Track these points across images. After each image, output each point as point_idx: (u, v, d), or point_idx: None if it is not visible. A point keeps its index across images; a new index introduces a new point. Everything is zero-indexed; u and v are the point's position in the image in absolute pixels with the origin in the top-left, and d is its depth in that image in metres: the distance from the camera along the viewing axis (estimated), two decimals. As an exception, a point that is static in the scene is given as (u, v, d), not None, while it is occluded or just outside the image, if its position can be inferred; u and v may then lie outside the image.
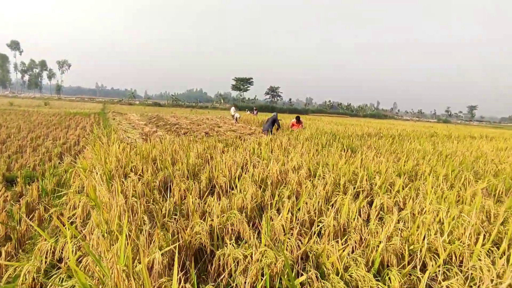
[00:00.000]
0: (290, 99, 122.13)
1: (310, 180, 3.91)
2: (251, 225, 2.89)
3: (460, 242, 2.67)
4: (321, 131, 10.01)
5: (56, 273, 2.20)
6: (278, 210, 3.14)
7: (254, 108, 30.96)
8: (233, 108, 22.77)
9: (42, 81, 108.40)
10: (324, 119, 25.84)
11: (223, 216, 2.80)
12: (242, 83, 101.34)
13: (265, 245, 2.31)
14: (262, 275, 2.06)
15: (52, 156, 6.91)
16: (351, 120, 32.08)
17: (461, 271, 2.34)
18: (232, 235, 2.71)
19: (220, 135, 13.78)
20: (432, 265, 2.43)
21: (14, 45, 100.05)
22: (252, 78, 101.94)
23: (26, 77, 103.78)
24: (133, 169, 3.99)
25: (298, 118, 11.45)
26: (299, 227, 2.75)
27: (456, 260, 2.58)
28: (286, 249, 2.38)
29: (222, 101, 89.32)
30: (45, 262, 2.54)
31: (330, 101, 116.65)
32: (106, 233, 2.39)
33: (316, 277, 2.09)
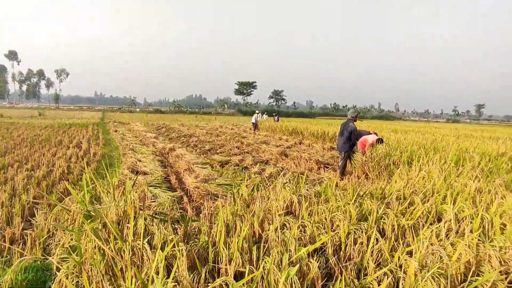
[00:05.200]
0: (294, 103, 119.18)
1: None
2: None
3: None
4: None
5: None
6: None
7: (274, 114, 27.95)
8: (262, 115, 19.71)
9: (40, 91, 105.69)
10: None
11: None
12: (246, 87, 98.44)
13: None
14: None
15: (13, 214, 3.85)
16: (385, 123, 28.82)
17: None
18: None
19: (255, 150, 10.73)
20: None
21: (12, 55, 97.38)
22: (255, 82, 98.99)
23: (24, 87, 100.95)
24: None
25: (381, 140, 7.32)
26: None
27: None
28: None
29: (225, 106, 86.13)
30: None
31: (335, 103, 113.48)
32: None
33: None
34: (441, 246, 1.95)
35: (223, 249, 1.83)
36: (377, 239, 2.06)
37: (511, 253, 1.95)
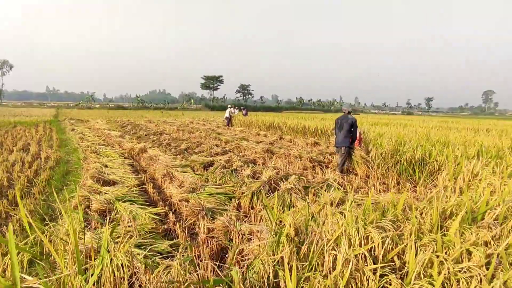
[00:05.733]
0: (261, 97, 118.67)
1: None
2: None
3: None
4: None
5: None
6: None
7: (242, 107, 27.05)
8: (235, 109, 18.72)
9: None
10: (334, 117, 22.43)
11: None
12: (212, 82, 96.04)
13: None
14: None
15: None
16: (385, 117, 28.14)
17: None
18: None
19: (236, 147, 9.81)
20: None
21: None
22: (222, 76, 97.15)
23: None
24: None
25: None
26: None
27: None
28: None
29: (192, 101, 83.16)
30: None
31: (301, 97, 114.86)
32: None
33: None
34: None
35: None
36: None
37: None
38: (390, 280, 1.64)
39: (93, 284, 1.60)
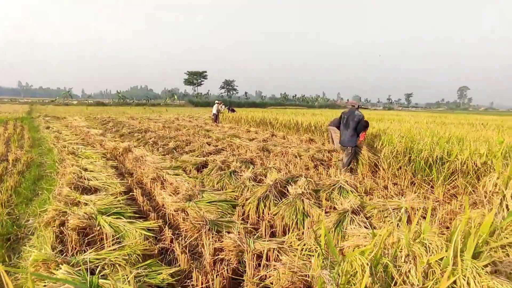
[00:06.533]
0: (245, 93, 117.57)
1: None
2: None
3: None
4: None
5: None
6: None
7: (227, 106, 26.28)
8: (218, 105, 17.89)
9: None
10: (329, 113, 22.08)
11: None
12: (196, 77, 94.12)
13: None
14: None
15: None
16: (374, 113, 27.60)
17: None
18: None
19: (228, 145, 9.20)
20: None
21: None
22: (206, 72, 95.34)
23: None
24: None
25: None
26: None
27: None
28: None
29: (175, 97, 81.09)
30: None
31: (285, 93, 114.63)
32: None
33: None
34: None
35: None
36: None
37: None
38: None
39: None
